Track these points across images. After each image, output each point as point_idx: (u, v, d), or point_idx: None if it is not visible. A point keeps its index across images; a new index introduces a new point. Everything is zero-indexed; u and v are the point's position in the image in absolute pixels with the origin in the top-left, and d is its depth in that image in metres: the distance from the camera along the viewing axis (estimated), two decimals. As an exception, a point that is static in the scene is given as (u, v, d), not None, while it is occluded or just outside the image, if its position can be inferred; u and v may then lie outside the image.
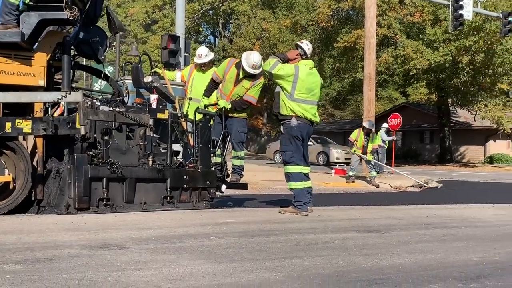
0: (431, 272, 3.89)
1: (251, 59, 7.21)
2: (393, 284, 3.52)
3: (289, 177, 6.86)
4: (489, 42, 25.17)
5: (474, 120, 35.25)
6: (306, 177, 6.91)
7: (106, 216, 5.90)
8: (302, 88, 6.67)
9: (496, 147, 38.67)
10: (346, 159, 29.04)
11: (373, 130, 14.51)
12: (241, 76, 7.37)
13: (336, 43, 28.73)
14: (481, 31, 24.93)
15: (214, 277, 3.50)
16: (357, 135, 13.99)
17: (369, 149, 13.89)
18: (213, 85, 7.59)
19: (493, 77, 27.96)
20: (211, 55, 8.58)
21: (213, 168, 7.09)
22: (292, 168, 6.81)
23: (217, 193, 7.28)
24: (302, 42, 7.09)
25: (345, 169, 16.44)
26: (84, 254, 4.01)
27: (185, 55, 14.18)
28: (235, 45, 46.68)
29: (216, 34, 62.23)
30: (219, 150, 7.28)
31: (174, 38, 13.62)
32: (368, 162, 13.96)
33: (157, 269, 3.64)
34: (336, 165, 20.80)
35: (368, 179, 14.01)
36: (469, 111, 32.48)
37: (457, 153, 39.88)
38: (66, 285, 3.16)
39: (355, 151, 14.02)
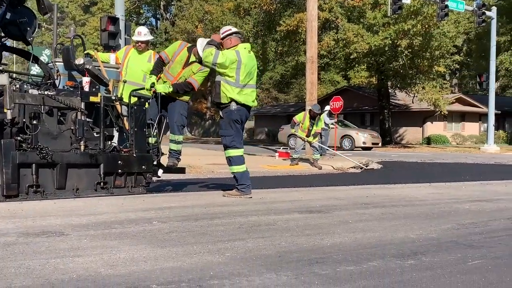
0: (370, 250, 3.99)
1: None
2: (333, 262, 3.59)
3: (231, 161, 6.85)
4: (426, 26, 25.89)
5: (412, 102, 36.27)
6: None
7: (44, 203, 5.74)
8: (244, 73, 6.63)
9: (433, 128, 39.99)
10: (373, 143, 28.46)
11: (323, 116, 14.72)
12: (191, 60, 7.28)
13: (279, 27, 28.81)
14: (419, 15, 25.61)
15: (156, 261, 3.48)
16: (303, 118, 14.12)
17: (313, 132, 14.07)
18: (160, 64, 7.43)
19: (431, 60, 28.83)
20: (150, 37, 8.45)
21: (149, 152, 6.96)
22: (234, 152, 6.81)
23: (153, 178, 7.15)
24: (231, 28, 6.94)
25: (289, 151, 16.62)
26: (21, 242, 3.89)
27: (125, 38, 13.86)
28: (177, 27, 46.10)
29: (157, 16, 61.23)
30: (155, 133, 7.15)
31: (114, 20, 13.30)
32: (312, 144, 14.15)
33: (97, 255, 3.58)
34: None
35: (312, 161, 14.21)
36: (407, 93, 33.36)
37: (396, 135, 41.02)
38: (1, 274, 3.06)
39: (298, 132, 14.15)
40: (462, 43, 45.89)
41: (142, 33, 8.18)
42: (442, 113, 32.19)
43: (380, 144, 29.39)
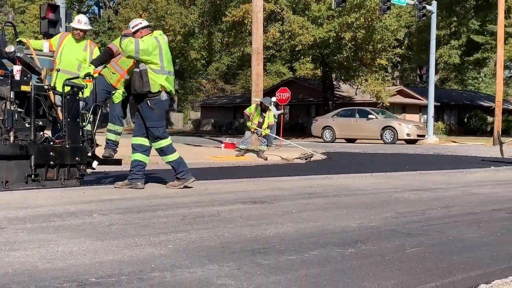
0: (312, 239, 4.04)
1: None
2: (276, 252, 3.61)
3: (164, 151, 6.70)
4: (369, 19, 26.39)
5: (356, 94, 36.96)
6: (149, 151, 6.86)
7: (-22, 197, 5.52)
8: (166, 59, 6.49)
9: (376, 119, 40.84)
10: (418, 135, 26.11)
11: (270, 107, 14.76)
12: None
13: (225, 17, 28.71)
14: (362, 8, 26.06)
15: (95, 254, 3.41)
16: (254, 110, 14.13)
17: (265, 125, 14.09)
18: (108, 56, 7.11)
19: (373, 53, 29.44)
20: (89, 27, 8.23)
21: (83, 144, 6.74)
22: (165, 142, 6.68)
23: (88, 170, 6.89)
24: (142, 21, 6.75)
25: (235, 143, 16.61)
26: (-49, 238, 3.73)
27: (66, 26, 13.46)
28: (121, 16, 45.06)
29: (100, 4, 59.75)
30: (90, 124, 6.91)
31: (54, 8, 12.90)
32: (261, 136, 14.16)
33: (35, 249, 3.47)
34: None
35: (257, 152, 14.24)
36: (351, 85, 33.96)
37: (341, 126, 41.66)
38: None
39: (251, 124, 14.15)
40: (403, 37, 47.01)
41: (82, 22, 7.94)
42: (384, 104, 32.93)
43: (426, 136, 27.85)
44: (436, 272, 3.24)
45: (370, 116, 26.13)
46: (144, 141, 6.73)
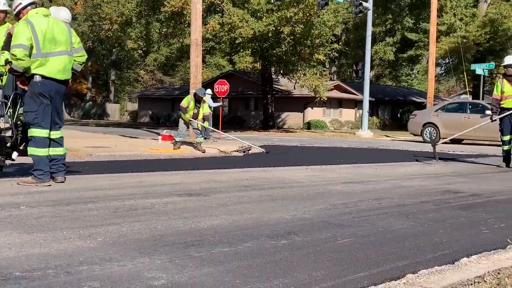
0: (246, 231, 4.05)
1: (60, 15, 6.61)
2: (209, 244, 3.60)
3: (32, 141, 6.09)
4: (307, 14, 26.68)
5: (294, 88, 37.38)
6: (56, 143, 6.31)
7: None
8: (43, 40, 5.96)
9: (313, 114, 41.54)
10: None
11: (205, 98, 14.62)
12: None
13: (164, 7, 28.27)
14: (300, 3, 26.30)
15: (21, 248, 3.29)
16: (188, 102, 13.97)
17: (200, 116, 13.98)
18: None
19: (311, 48, 29.80)
20: (8, 7, 7.74)
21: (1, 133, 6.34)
22: (37, 132, 6.06)
23: (7, 162, 6.55)
24: (22, 1, 6.23)
25: (172, 135, 16.42)
26: None
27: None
28: (55, 3, 43.62)
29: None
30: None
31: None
32: (196, 127, 14.06)
33: (-46, 244, 3.31)
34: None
35: (195, 145, 14.14)
36: (289, 79, 34.27)
37: (279, 120, 42.11)
38: None
39: (185, 116, 14.00)
40: (340, 33, 47.86)
41: (1, 3, 7.45)
42: (322, 99, 33.46)
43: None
44: (365, 262, 3.32)
45: (487, 112, 19.57)
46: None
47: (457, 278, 3.02)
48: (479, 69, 27.67)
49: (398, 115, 47.74)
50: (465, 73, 31.92)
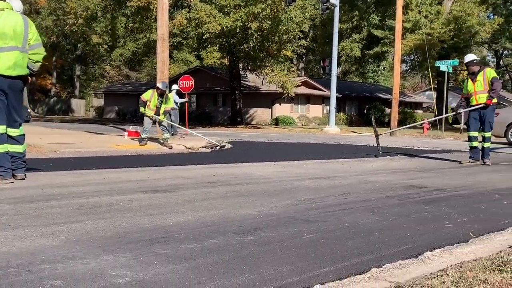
0: (213, 228, 4.03)
1: (13, 7, 6.40)
2: (175, 241, 3.57)
3: None
4: (275, 10, 26.70)
5: (262, 84, 37.42)
6: (15, 141, 6.13)
7: None
8: None
9: (281, 110, 41.67)
10: None
11: (167, 91, 14.48)
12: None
13: (130, 2, 27.91)
14: (268, -1, 26.31)
15: (-20, 248, 3.20)
16: (150, 96, 13.82)
17: (161, 110, 13.84)
18: None
19: (279, 44, 29.86)
20: None
21: None
22: None
23: None
24: None
25: (139, 131, 16.25)
26: None
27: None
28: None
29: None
30: None
31: None
32: (160, 123, 13.94)
33: None
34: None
35: (161, 141, 14.03)
36: (257, 75, 34.29)
37: (247, 115, 42.11)
38: None
39: (146, 111, 13.85)
40: (308, 29, 48.18)
41: None
42: (289, 95, 33.59)
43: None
44: (331, 257, 3.33)
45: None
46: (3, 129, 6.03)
47: (421, 272, 3.07)
48: (443, 65, 28.15)
49: (365, 111, 48.30)
50: (429, 69, 32.50)
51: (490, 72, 10.34)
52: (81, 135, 17.03)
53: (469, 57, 10.74)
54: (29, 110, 34.64)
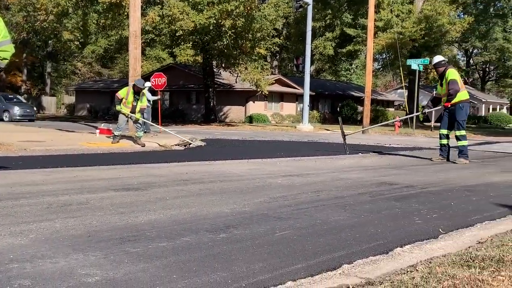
0: (184, 226, 4.01)
1: None
2: (146, 240, 3.54)
3: None
4: (248, 8, 26.68)
5: (236, 82, 37.36)
6: None
7: None
8: None
9: (255, 107, 41.66)
10: None
11: (145, 91, 14.32)
12: None
13: (102, -2, 27.57)
14: (242, -3, 26.28)
15: None
16: (126, 93, 13.65)
17: (137, 108, 13.68)
18: None
19: (253, 41, 29.85)
20: None
21: None
22: None
23: None
24: None
25: (111, 128, 16.07)
26: None
27: None
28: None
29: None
30: None
31: None
32: (136, 121, 13.79)
33: None
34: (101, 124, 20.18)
35: (134, 138, 13.89)
36: (231, 73, 34.21)
37: (221, 113, 41.99)
38: None
39: (121, 109, 13.69)
40: (282, 27, 48.23)
41: None
42: (263, 93, 33.59)
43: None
44: (302, 254, 3.35)
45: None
46: None
47: (391, 268, 3.10)
48: (415, 64, 28.52)
49: (338, 109, 48.61)
50: (401, 68, 32.86)
51: (449, 74, 10.42)
52: (52, 133, 16.77)
53: (436, 59, 10.82)
54: (34, 108, 34.24)
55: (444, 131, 10.80)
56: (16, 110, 30.71)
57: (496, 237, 3.90)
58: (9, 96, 34.22)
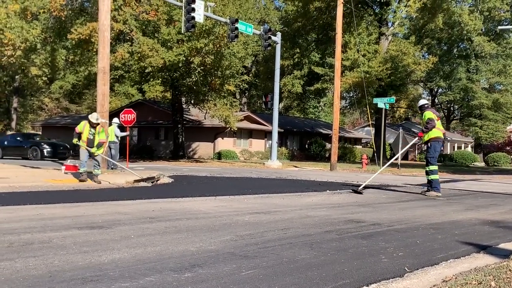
0: (149, 265, 3.94)
1: None
2: (109, 280, 3.46)
3: None
4: (218, 45, 26.98)
5: (205, 118, 37.40)
6: None
7: None
8: None
9: (224, 144, 41.70)
10: None
11: (105, 124, 14.19)
12: None
13: (70, 34, 27.52)
14: (211, 35, 26.58)
15: None
16: (83, 127, 13.48)
17: (95, 142, 13.46)
18: None
19: (222, 78, 30.09)
20: None
21: None
22: None
23: None
24: None
25: (77, 165, 15.81)
26: None
27: None
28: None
29: None
30: None
31: None
32: (93, 157, 13.51)
33: None
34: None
35: (92, 175, 13.55)
36: (200, 109, 34.29)
37: (189, 149, 41.87)
38: None
39: (77, 142, 13.47)
40: (251, 65, 48.83)
41: None
42: (232, 129, 33.69)
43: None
44: (268, 293, 3.32)
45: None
46: None
47: (356, 307, 3.09)
48: (381, 103, 29.11)
49: (306, 145, 49.01)
50: (368, 106, 33.47)
51: (424, 116, 11.86)
52: (16, 169, 16.43)
53: (419, 103, 12.45)
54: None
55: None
56: None
57: (460, 275, 3.94)
58: None
